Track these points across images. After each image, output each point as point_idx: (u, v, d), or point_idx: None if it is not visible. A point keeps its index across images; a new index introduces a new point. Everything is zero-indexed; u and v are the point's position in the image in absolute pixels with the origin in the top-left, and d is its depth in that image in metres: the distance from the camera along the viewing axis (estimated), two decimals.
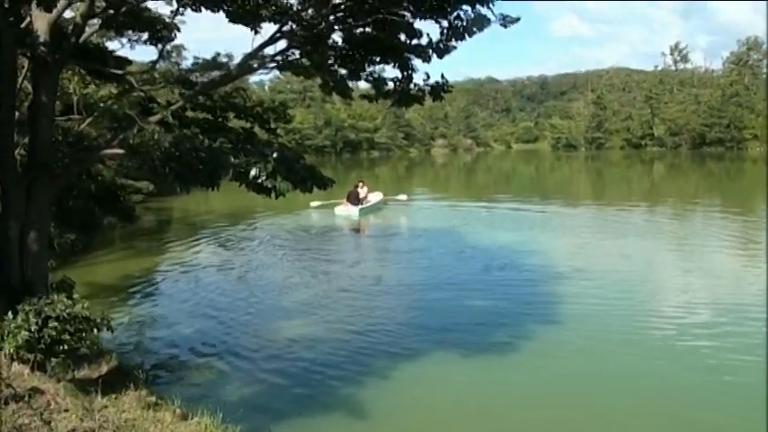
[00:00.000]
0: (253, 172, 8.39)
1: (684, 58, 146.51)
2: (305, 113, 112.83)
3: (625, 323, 15.76)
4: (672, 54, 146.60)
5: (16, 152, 10.75)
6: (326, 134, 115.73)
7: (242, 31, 10.90)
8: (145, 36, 13.05)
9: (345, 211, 37.25)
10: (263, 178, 8.36)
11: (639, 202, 44.40)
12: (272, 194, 8.52)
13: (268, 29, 10.97)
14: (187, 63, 16.49)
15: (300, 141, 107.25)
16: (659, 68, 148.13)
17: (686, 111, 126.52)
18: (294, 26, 10.46)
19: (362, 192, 39.12)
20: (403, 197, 42.45)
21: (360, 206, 37.71)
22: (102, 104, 13.04)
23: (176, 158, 8.27)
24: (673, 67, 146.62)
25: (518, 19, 9.87)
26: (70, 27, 11.18)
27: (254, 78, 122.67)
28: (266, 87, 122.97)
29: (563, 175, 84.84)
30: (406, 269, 22.74)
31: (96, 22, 11.60)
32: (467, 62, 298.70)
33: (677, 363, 13.26)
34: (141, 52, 11.93)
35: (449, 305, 17.72)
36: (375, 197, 40.92)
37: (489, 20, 9.82)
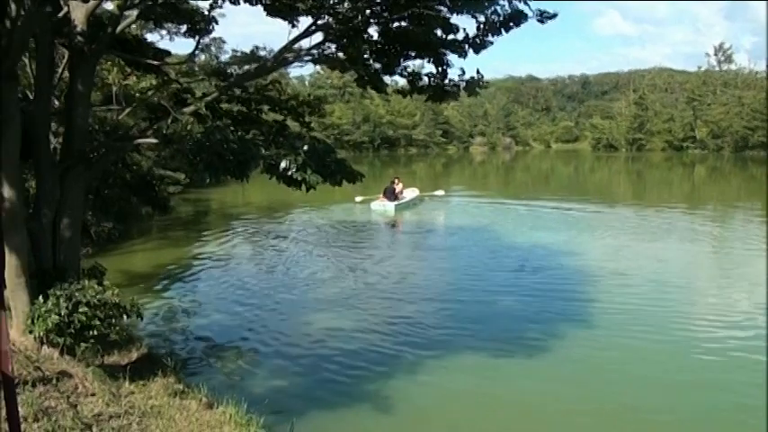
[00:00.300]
0: (283, 164, 8.40)
1: (728, 59, 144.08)
2: (344, 109, 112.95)
3: (659, 326, 15.55)
4: (716, 55, 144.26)
5: (53, 140, 10.89)
6: (365, 130, 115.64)
7: (280, 26, 10.93)
8: (183, 28, 13.15)
9: (381, 207, 37.48)
10: (294, 170, 8.37)
11: (679, 204, 43.71)
12: (303, 187, 8.54)
13: (305, 22, 11.00)
14: (226, 56, 16.60)
15: (338, 137, 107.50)
16: (702, 69, 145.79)
17: (729, 113, 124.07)
18: (330, 19, 10.45)
19: (398, 188, 39.29)
20: (440, 192, 42.74)
21: (396, 202, 37.93)
22: (140, 95, 13.15)
23: (207, 149, 8.30)
24: (716, 68, 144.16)
25: (555, 15, 9.75)
26: (108, 18, 11.31)
27: (293, 73, 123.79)
28: (306, 82, 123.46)
29: (603, 176, 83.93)
30: (437, 266, 22.67)
31: (134, 13, 11.68)
32: (507, 60, 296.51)
33: (711, 365, 13.05)
34: (182, 45, 12.00)
35: (479, 304, 17.64)
36: (411, 193, 41.08)
37: (526, 15, 9.74)
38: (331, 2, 10.24)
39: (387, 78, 12.01)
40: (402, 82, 11.60)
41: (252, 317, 16.23)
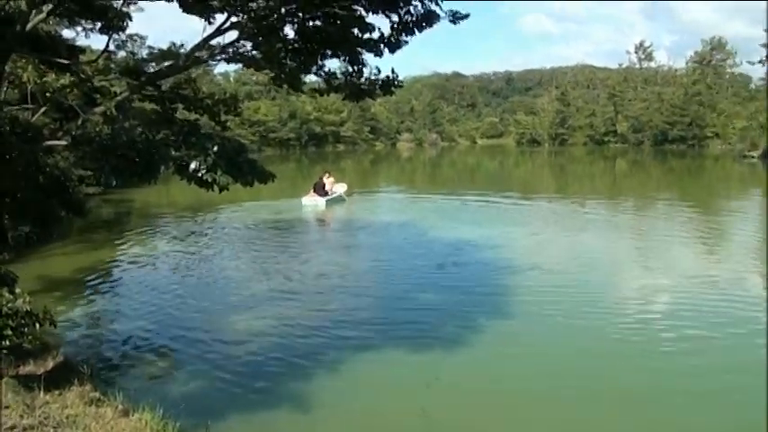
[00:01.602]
0: (193, 165, 8.26)
1: (649, 57, 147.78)
2: (270, 106, 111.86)
3: (579, 315, 15.96)
4: (636, 52, 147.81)
5: None
6: (291, 127, 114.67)
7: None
8: (99, 25, 12.80)
9: (312, 202, 37.67)
10: (204, 171, 8.24)
11: (601, 197, 44.80)
12: (213, 188, 8.42)
13: (221, 19, 10.83)
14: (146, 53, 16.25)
15: (264, 134, 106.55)
16: (624, 66, 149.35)
17: (649, 108, 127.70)
18: (245, 17, 10.32)
19: (328, 183, 39.52)
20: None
21: (326, 197, 38.09)
22: (51, 94, 12.77)
23: (113, 151, 8.13)
24: (637, 66, 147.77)
25: (467, 15, 9.85)
26: (17, 15, 10.93)
27: (219, 69, 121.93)
28: (231, 78, 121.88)
29: (527, 170, 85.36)
30: (362, 264, 22.73)
31: (45, 9, 11.33)
32: (433, 57, 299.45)
33: (631, 356, 13.40)
34: (102, 42, 11.65)
35: (403, 300, 17.73)
36: (340, 188, 41.17)
37: (439, 16, 9.80)
38: None
39: (305, 77, 11.95)
40: (318, 80, 11.55)
41: (171, 320, 15.99)
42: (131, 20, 12.01)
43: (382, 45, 10.49)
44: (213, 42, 10.91)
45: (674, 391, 11.56)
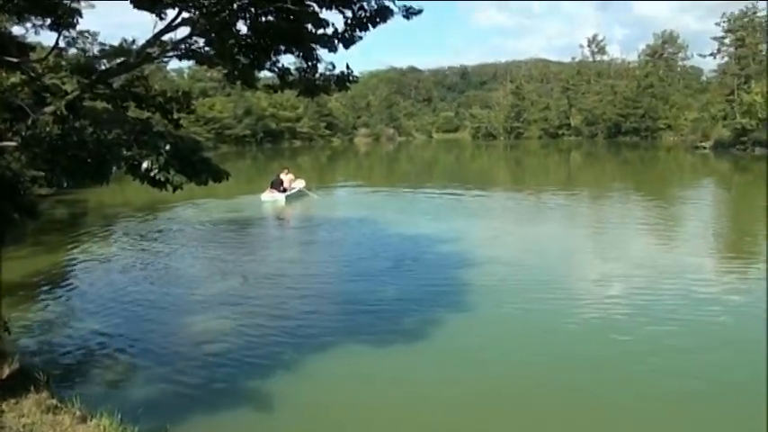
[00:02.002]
0: (145, 164, 8.14)
1: (602, 50, 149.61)
2: (225, 102, 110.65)
3: (538, 306, 16.22)
4: (589, 46, 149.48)
5: None
6: (247, 123, 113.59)
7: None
8: (48, 21, 12.54)
9: (271, 198, 37.59)
10: (156, 171, 8.13)
11: (556, 189, 45.26)
12: (167, 188, 8.31)
13: (173, 15, 10.69)
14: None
15: (220, 131, 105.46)
16: (577, 60, 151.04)
17: (603, 101, 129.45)
18: (196, 13, 10.19)
19: (286, 179, 39.57)
20: (316, 197, 40.98)
21: (286, 193, 38.13)
22: (2, 94, 12.49)
23: (64, 151, 7.98)
24: (590, 59, 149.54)
25: (421, 11, 9.86)
26: None
27: (172, 66, 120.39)
28: (185, 75, 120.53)
29: (483, 163, 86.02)
30: (322, 261, 22.64)
31: None
32: (389, 51, 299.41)
33: (588, 345, 13.64)
34: (53, 39, 11.41)
35: (361, 296, 17.74)
36: (298, 184, 41.03)
37: (392, 11, 9.79)
38: None
39: (259, 73, 11.86)
40: (272, 76, 11.47)
41: (128, 323, 15.76)
42: (81, 16, 11.79)
43: (336, 41, 10.46)
44: (165, 39, 10.75)
45: (630, 374, 11.83)
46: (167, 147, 8.36)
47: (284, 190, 38.62)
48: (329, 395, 11.53)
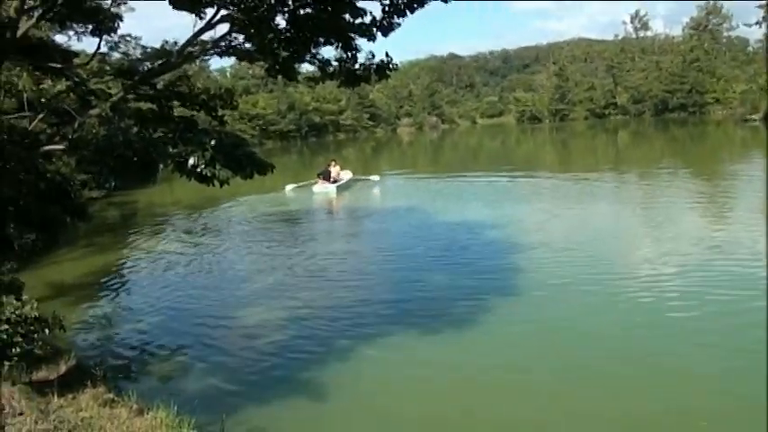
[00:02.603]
0: (191, 161, 8.21)
1: (645, 26, 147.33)
2: (268, 99, 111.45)
3: (590, 291, 15.91)
4: (632, 22, 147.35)
5: None
6: (291, 118, 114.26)
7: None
8: (90, 28, 12.73)
9: (323, 189, 38.26)
10: (202, 166, 8.20)
11: (605, 170, 44.61)
12: (214, 183, 8.38)
13: (212, 13, 10.76)
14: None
15: (264, 127, 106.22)
16: (620, 37, 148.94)
17: (648, 78, 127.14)
18: (234, 9, 10.25)
19: (334, 170, 40.18)
20: (375, 177, 42.95)
21: (336, 184, 38.74)
22: (46, 100, 12.75)
23: (109, 152, 8.09)
24: (633, 36, 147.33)
25: None
26: (6, 22, 10.87)
27: (215, 66, 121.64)
28: (228, 74, 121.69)
29: (529, 147, 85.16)
30: (370, 251, 22.72)
31: (34, 15, 11.27)
32: (429, 40, 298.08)
33: (645, 328, 13.35)
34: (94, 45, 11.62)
35: (410, 284, 17.72)
36: (346, 175, 41.54)
37: None
38: None
39: (299, 66, 11.89)
40: (313, 69, 11.49)
41: (181, 318, 16.02)
42: (122, 20, 11.97)
43: (375, 29, 10.43)
44: (205, 37, 10.85)
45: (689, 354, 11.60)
46: (212, 142, 8.43)
47: (334, 181, 39.20)
48: (382, 383, 11.58)
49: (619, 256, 19.15)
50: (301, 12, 10.66)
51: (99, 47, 11.52)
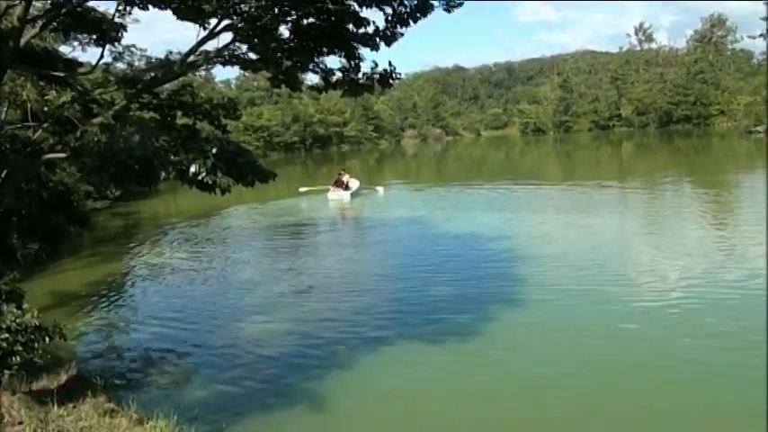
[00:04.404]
0: (192, 168, 8.23)
1: (649, 38, 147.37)
2: (272, 110, 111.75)
3: (594, 304, 15.83)
4: (636, 34, 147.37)
5: None
6: (295, 130, 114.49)
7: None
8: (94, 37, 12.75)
9: (338, 196, 39.70)
10: (204, 174, 8.21)
11: (609, 181, 44.47)
12: (215, 191, 8.38)
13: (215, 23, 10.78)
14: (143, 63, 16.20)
15: (269, 139, 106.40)
16: (624, 49, 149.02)
17: (652, 90, 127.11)
18: (237, 19, 10.27)
19: (345, 178, 41.70)
20: (380, 189, 43.80)
21: (349, 191, 40.48)
22: (48, 109, 12.76)
23: (110, 159, 8.09)
24: (638, 48, 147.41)
25: (461, 3, 9.77)
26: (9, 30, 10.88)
27: (219, 78, 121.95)
28: (232, 86, 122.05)
29: (533, 159, 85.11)
30: (376, 260, 22.79)
31: (38, 24, 11.29)
32: (433, 51, 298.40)
33: (647, 339, 13.29)
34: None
35: (417, 294, 17.66)
36: (354, 184, 42.74)
37: (432, 5, 9.72)
38: (236, 1, 10.03)
39: (303, 76, 11.91)
40: (316, 79, 11.51)
41: (183, 328, 16.00)
42: (126, 30, 11.98)
43: (378, 38, 10.44)
44: (209, 47, 10.88)
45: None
46: (214, 150, 8.44)
47: (346, 188, 40.79)
48: (383, 393, 11.51)
49: (622, 268, 19.05)
50: (304, 21, 10.68)
51: (102, 56, 11.52)
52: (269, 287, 19.34)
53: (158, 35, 43.80)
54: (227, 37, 10.63)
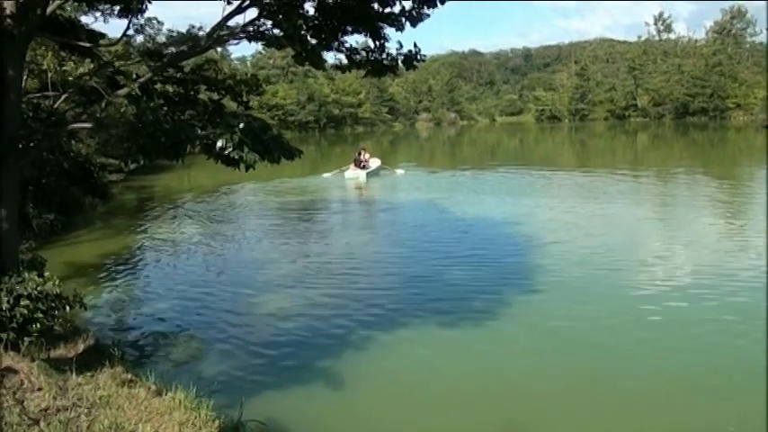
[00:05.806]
0: (219, 143, 8.24)
1: (668, 28, 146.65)
2: (288, 89, 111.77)
3: (606, 289, 15.93)
4: (655, 24, 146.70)
5: None
6: (310, 110, 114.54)
7: (220, 6, 10.67)
8: (117, 9, 12.76)
9: (355, 175, 40.47)
10: (230, 149, 8.22)
11: (623, 171, 44.28)
12: (240, 166, 8.40)
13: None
14: (164, 37, 16.21)
15: (283, 117, 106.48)
16: (643, 39, 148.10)
17: (670, 81, 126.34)
18: None
19: (365, 157, 42.45)
20: (400, 171, 44.28)
21: (366, 170, 41.12)
22: (72, 80, 12.78)
23: (139, 131, 8.11)
24: (656, 38, 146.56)
25: None
26: None
27: (236, 54, 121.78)
28: (248, 63, 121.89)
29: (547, 146, 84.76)
30: (389, 242, 22.72)
31: None
32: (450, 35, 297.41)
33: (658, 328, 13.26)
34: (120, 27, 11.63)
35: (430, 277, 17.68)
36: (374, 163, 43.57)
37: None
38: None
39: (325, 54, 11.90)
40: (340, 57, 11.49)
41: (199, 301, 16.05)
42: (150, 2, 11.98)
43: (404, 18, 10.42)
44: (232, 23, 10.88)
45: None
46: (241, 125, 8.44)
47: (363, 167, 41.40)
48: (399, 371, 11.60)
49: (632, 257, 18.93)
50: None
51: (128, 27, 11.53)
52: (284, 265, 19.40)
53: (175, 12, 43.75)
54: (252, 13, 10.65)
